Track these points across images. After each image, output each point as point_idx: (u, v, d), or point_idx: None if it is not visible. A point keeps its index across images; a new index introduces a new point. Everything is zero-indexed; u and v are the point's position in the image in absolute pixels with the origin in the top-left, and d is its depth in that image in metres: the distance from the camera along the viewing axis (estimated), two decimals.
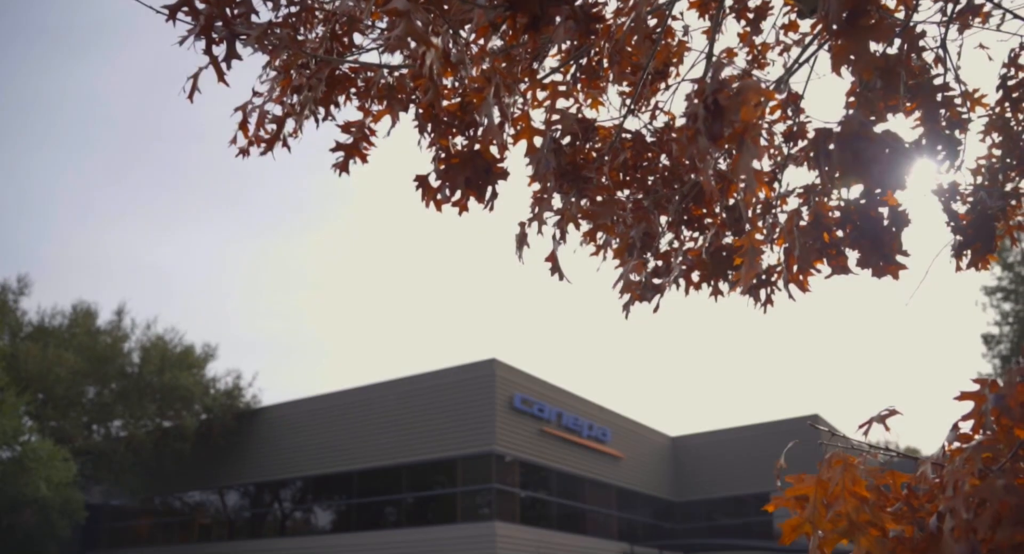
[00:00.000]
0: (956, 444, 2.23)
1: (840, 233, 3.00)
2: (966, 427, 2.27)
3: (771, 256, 4.11)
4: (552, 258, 3.59)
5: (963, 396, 2.31)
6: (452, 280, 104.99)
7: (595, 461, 26.32)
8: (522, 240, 3.52)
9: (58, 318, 28.26)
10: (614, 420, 27.94)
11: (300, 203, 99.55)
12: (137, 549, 30.80)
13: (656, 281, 4.10)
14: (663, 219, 4.36)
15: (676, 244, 4.30)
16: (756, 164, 2.33)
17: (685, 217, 4.24)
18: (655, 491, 30.09)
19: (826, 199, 3.41)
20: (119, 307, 28.80)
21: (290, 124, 3.84)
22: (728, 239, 4.39)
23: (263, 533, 27.26)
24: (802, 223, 3.25)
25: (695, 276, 4.60)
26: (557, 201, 3.74)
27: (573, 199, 3.67)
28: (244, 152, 3.89)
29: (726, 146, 2.44)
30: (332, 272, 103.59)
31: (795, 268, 3.14)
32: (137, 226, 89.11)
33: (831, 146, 2.38)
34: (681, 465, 31.92)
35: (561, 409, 25.04)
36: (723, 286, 4.44)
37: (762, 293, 4.61)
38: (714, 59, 3.85)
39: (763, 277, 4.64)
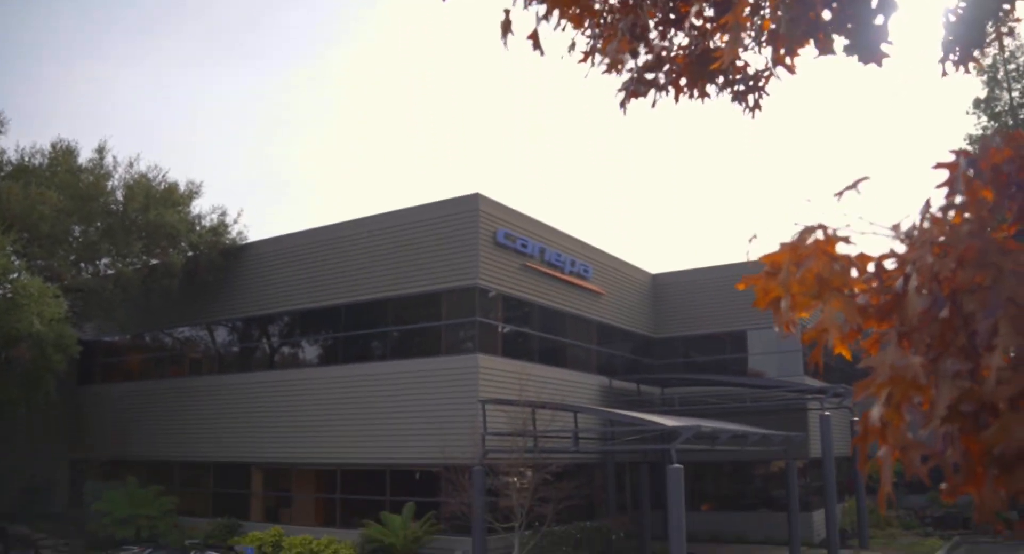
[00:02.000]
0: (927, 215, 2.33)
1: (827, 14, 3.03)
2: (939, 198, 2.33)
3: (759, 60, 4.13)
4: (534, 36, 3.60)
5: (939, 165, 2.37)
6: (436, 117, 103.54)
7: (576, 297, 26.86)
8: (507, 27, 3.52)
9: (38, 157, 27.84)
10: (596, 257, 28.33)
11: (281, 41, 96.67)
12: (130, 383, 31.66)
13: (648, 76, 4.15)
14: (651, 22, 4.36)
15: (665, 43, 4.31)
16: None
17: (672, 16, 4.23)
18: (634, 327, 30.88)
19: None
20: (100, 145, 28.33)
21: None
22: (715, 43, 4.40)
23: (252, 367, 28.00)
24: None
25: (683, 82, 4.65)
26: None
27: None
28: None
29: None
30: (314, 110, 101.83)
31: (782, 50, 3.19)
32: (113, 64, 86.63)
33: None
34: (660, 302, 32.62)
35: (544, 245, 25.31)
36: (710, 89, 4.49)
37: (750, 99, 4.67)
38: None
39: (750, 83, 4.69)
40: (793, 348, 29.94)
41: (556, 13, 3.65)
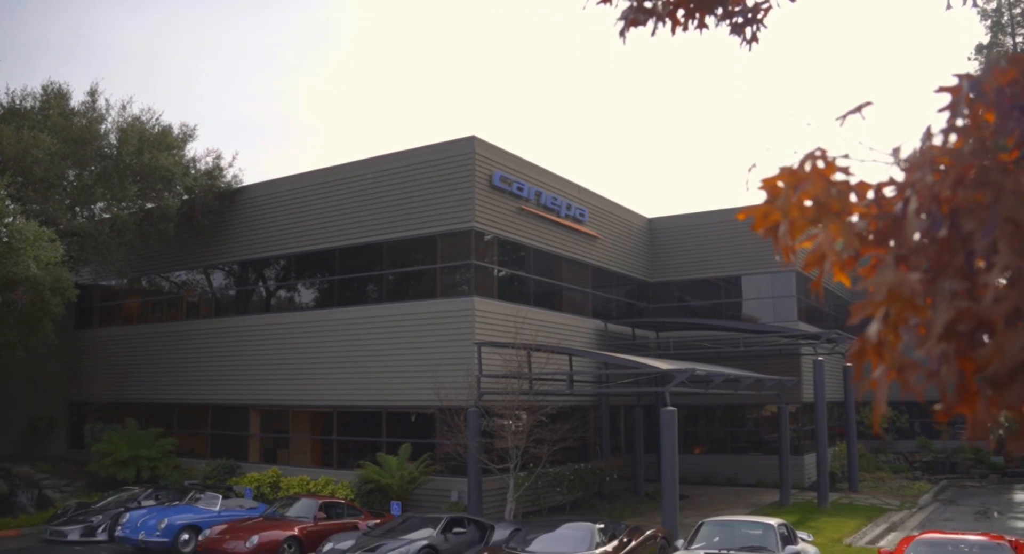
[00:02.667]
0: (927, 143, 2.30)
1: None
2: (941, 123, 2.29)
3: None
4: None
5: (941, 89, 2.33)
6: (433, 59, 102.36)
7: (572, 240, 26.87)
8: None
9: (29, 100, 27.51)
10: (592, 200, 28.27)
11: None
12: (128, 327, 31.78)
13: (647, 4, 4.11)
14: None
15: None
16: None
17: None
18: (630, 271, 30.95)
19: None
20: (92, 88, 28.02)
21: None
22: None
23: (248, 310, 28.09)
24: None
25: (681, 14, 4.59)
26: None
27: None
28: None
29: None
30: (309, 52, 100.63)
31: None
32: (103, 4, 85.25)
33: None
34: (656, 247, 32.66)
35: (540, 188, 25.24)
36: (708, 21, 4.45)
37: (748, 31, 4.64)
38: None
39: (749, 15, 4.65)
40: (787, 293, 30.08)
41: None
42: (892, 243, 2.12)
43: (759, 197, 2.34)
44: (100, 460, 26.26)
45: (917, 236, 2.00)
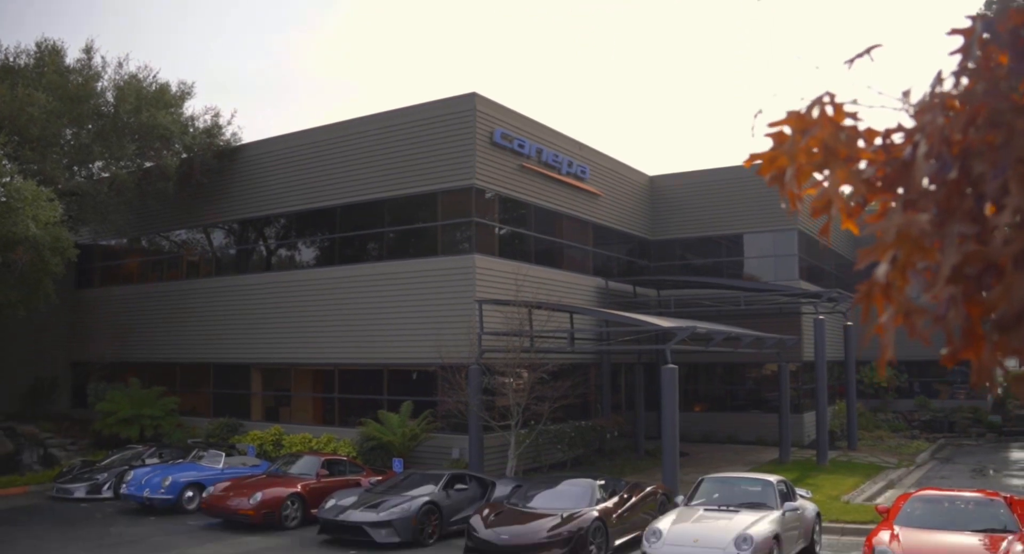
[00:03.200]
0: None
1: None
2: (952, 66, 2.16)
3: None
4: None
5: (954, 31, 2.25)
6: (433, 15, 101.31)
7: (573, 198, 26.74)
8: None
9: (23, 57, 27.22)
10: (593, 158, 28.09)
11: None
12: (128, 286, 31.78)
13: None
14: None
15: None
16: None
17: None
18: (631, 229, 30.85)
19: None
20: (87, 45, 27.64)
21: None
22: None
23: (249, 269, 28.04)
24: None
25: None
26: None
27: None
28: None
29: None
30: (309, 9, 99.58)
31: None
32: None
33: None
34: (658, 205, 32.51)
35: (541, 145, 25.06)
36: None
37: None
38: None
39: None
40: (789, 252, 30.01)
41: None
42: (900, 189, 2.09)
43: (765, 145, 2.31)
44: (104, 419, 26.42)
45: (926, 181, 1.96)
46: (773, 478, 14.33)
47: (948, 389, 37.16)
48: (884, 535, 11.61)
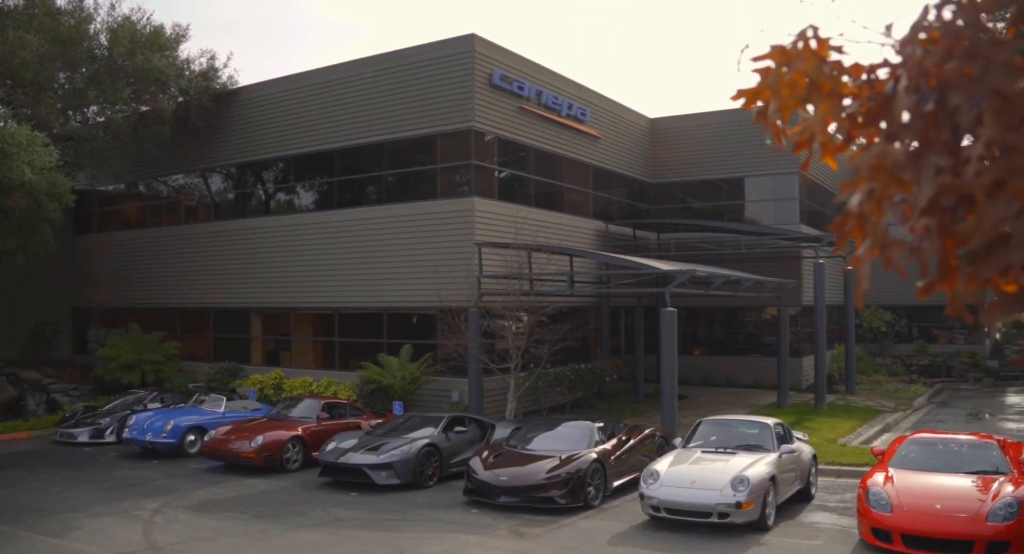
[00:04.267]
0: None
1: None
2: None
3: None
4: None
5: None
6: None
7: (573, 140, 26.49)
8: None
9: None
10: (594, 100, 27.76)
11: None
12: (127, 232, 31.71)
13: None
14: None
15: None
16: None
17: None
18: (632, 172, 30.62)
19: None
20: None
21: None
22: None
23: (247, 213, 27.92)
24: None
25: None
26: None
27: None
28: None
29: None
30: None
31: None
32: None
33: None
34: (658, 147, 32.22)
35: (541, 87, 24.75)
36: None
37: None
38: None
39: None
40: (789, 196, 29.83)
41: None
42: (883, 124, 2.07)
43: (753, 81, 2.29)
44: (105, 364, 26.54)
45: (906, 115, 1.95)
46: (770, 421, 14.38)
47: (947, 334, 37.28)
48: (879, 477, 11.79)
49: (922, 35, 1.97)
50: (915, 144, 1.93)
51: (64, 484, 16.25)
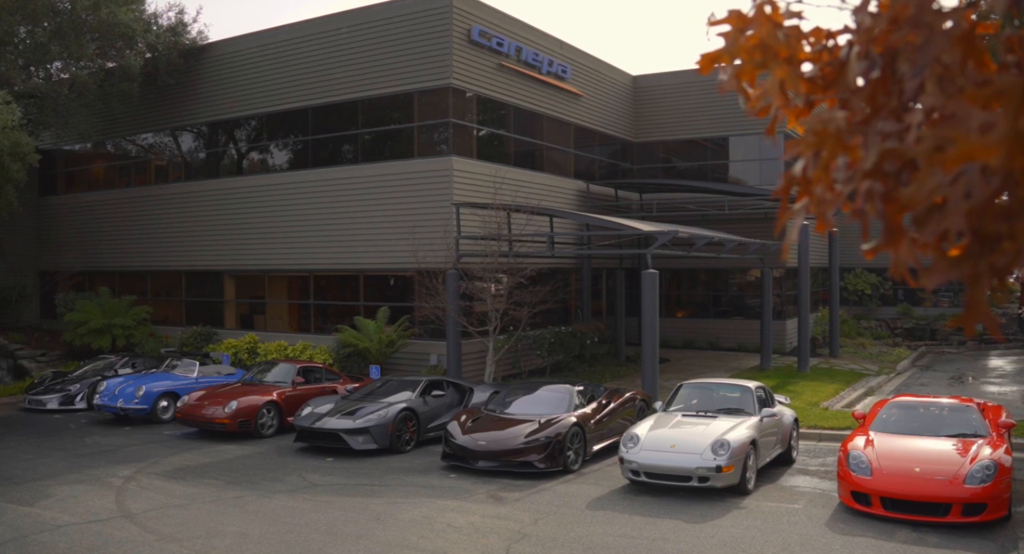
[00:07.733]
0: None
1: None
2: None
3: None
4: None
5: None
6: None
7: (554, 98, 25.89)
8: None
9: None
10: (575, 57, 27.12)
11: None
12: (94, 192, 30.89)
13: None
14: None
15: None
16: None
17: None
18: (614, 131, 30.07)
19: None
20: None
21: None
22: None
23: (219, 173, 27.20)
24: None
25: None
26: None
27: None
28: None
29: None
30: None
31: None
32: None
33: None
34: (641, 106, 31.63)
35: (521, 43, 24.10)
36: None
37: None
38: None
39: None
40: (775, 156, 29.39)
41: None
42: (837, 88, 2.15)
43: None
44: (74, 329, 25.87)
45: (860, 81, 2.01)
46: (752, 384, 14.14)
47: (931, 297, 37.11)
48: (859, 440, 11.86)
49: (873, 3, 2.02)
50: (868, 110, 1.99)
51: (34, 452, 15.79)
